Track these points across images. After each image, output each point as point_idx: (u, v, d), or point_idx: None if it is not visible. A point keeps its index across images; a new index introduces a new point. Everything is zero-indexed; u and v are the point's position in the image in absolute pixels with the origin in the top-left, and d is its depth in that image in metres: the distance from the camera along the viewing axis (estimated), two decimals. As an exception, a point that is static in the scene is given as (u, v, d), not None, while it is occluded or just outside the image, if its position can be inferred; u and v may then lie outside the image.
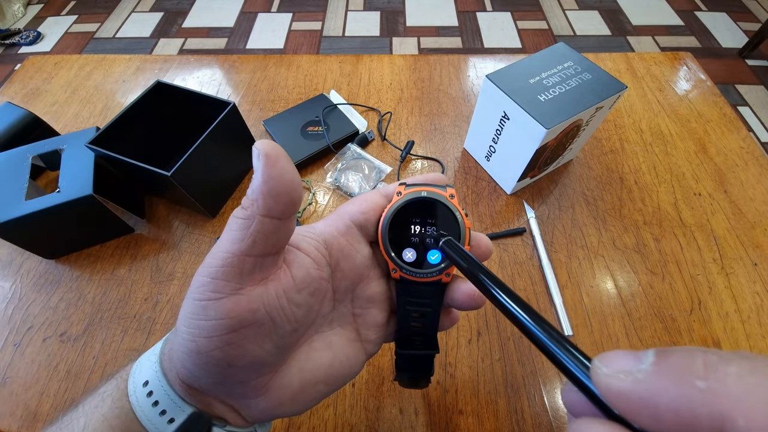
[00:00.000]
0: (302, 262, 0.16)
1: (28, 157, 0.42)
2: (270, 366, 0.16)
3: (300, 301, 0.16)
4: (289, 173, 0.14)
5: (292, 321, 0.16)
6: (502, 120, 0.42)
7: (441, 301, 0.19)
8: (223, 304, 0.14)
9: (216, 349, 0.14)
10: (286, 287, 0.15)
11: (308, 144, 0.50)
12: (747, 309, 0.39)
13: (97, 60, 0.64)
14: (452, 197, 0.19)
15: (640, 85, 0.58)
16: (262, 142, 0.14)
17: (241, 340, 0.14)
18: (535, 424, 0.33)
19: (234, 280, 0.14)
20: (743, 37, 1.56)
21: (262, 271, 0.15)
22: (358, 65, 0.62)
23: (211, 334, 0.14)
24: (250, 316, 0.14)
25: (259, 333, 0.15)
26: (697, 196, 0.47)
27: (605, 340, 0.37)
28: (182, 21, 1.71)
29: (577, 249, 0.43)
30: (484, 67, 0.61)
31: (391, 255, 0.18)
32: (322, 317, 0.18)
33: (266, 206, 0.13)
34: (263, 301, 0.15)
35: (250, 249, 0.14)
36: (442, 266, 0.18)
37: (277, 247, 0.15)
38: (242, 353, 0.14)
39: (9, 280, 0.42)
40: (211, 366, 0.14)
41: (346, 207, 0.19)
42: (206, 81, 0.61)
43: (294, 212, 0.14)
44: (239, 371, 0.15)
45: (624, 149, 0.51)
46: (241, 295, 0.14)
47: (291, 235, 0.15)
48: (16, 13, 1.74)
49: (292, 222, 0.15)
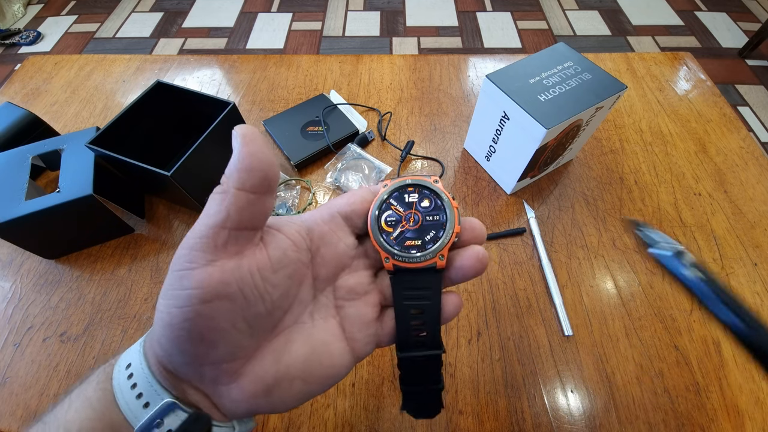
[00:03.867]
0: (280, 243, 0.16)
1: (28, 157, 0.42)
2: (243, 349, 0.16)
3: (275, 281, 0.16)
4: (263, 152, 0.14)
5: (267, 302, 0.16)
6: (502, 120, 0.42)
7: (440, 291, 0.18)
8: (197, 274, 0.14)
9: (187, 320, 0.14)
10: (261, 265, 0.15)
11: (308, 144, 0.50)
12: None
13: (97, 60, 0.64)
14: (436, 182, 0.19)
15: (640, 85, 0.58)
16: (240, 127, 0.14)
17: (212, 313, 0.14)
18: (535, 424, 0.33)
19: (209, 252, 0.14)
20: (743, 37, 1.56)
21: (237, 244, 0.15)
22: (358, 65, 0.62)
23: (184, 304, 0.14)
24: (222, 289, 0.14)
25: (231, 309, 0.14)
26: (697, 196, 0.47)
27: (605, 340, 0.37)
28: (182, 21, 1.71)
29: (577, 249, 0.43)
30: (484, 67, 0.61)
31: (379, 239, 0.18)
32: (301, 305, 0.18)
33: (240, 179, 0.14)
34: (236, 275, 0.14)
35: (224, 221, 0.14)
36: (435, 246, 0.18)
37: (253, 222, 0.15)
38: (213, 327, 0.14)
39: (9, 280, 0.42)
40: (182, 340, 0.14)
41: (333, 200, 0.19)
42: (206, 81, 0.61)
43: (269, 189, 0.15)
44: (211, 349, 0.15)
45: (624, 149, 0.51)
46: (214, 266, 0.14)
47: (268, 213, 0.15)
48: (16, 13, 1.74)
49: (267, 200, 0.15)
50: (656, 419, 0.33)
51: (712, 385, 0.35)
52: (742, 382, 0.35)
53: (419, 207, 0.19)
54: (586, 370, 0.36)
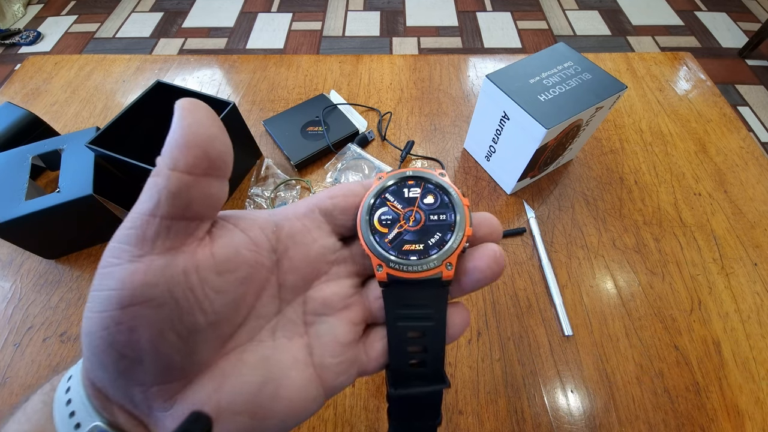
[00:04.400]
0: (232, 240, 0.13)
1: (28, 157, 0.42)
2: (176, 370, 0.12)
3: (220, 286, 0.13)
4: (203, 124, 0.12)
5: (207, 311, 0.12)
6: (502, 120, 0.42)
7: (445, 309, 0.15)
8: (118, 272, 0.11)
9: (105, 328, 0.11)
10: (200, 264, 0.12)
11: (308, 144, 0.50)
12: (747, 309, 0.39)
13: (97, 60, 0.64)
14: (442, 175, 0.16)
15: (640, 85, 0.58)
16: (182, 100, 0.12)
17: (133, 321, 0.11)
18: (535, 425, 0.33)
19: (135, 245, 0.11)
20: (743, 37, 1.56)
21: (171, 238, 0.12)
22: (358, 65, 0.62)
23: (101, 309, 0.11)
24: (146, 291, 0.11)
25: (157, 317, 0.11)
26: (697, 196, 0.47)
27: (605, 340, 0.37)
28: (182, 21, 1.71)
29: (577, 249, 0.43)
30: (484, 67, 0.61)
31: (371, 241, 0.15)
32: (261, 318, 0.14)
33: (172, 158, 0.11)
34: (166, 275, 0.11)
35: (154, 208, 0.11)
36: (441, 252, 0.14)
37: (192, 211, 0.12)
38: (135, 339, 0.11)
39: (9, 280, 0.42)
40: (101, 351, 0.12)
41: (315, 194, 0.16)
42: (206, 81, 0.61)
43: (213, 170, 0.12)
44: (136, 366, 0.12)
45: (624, 149, 0.51)
46: (139, 263, 0.11)
47: (215, 201, 0.13)
48: (16, 13, 1.74)
49: (211, 184, 0.12)
50: (656, 419, 0.33)
51: (712, 385, 0.35)
52: (742, 382, 0.35)
53: (422, 204, 0.15)
54: (586, 370, 0.36)
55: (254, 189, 0.48)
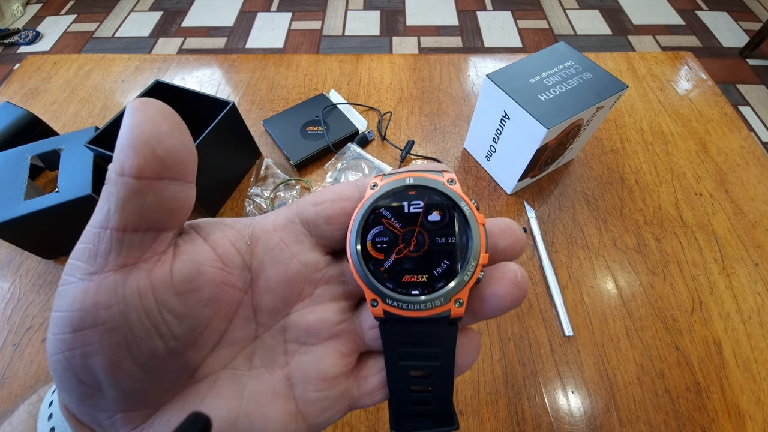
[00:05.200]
0: (196, 255, 0.12)
1: (27, 157, 0.42)
2: (139, 398, 0.11)
3: (180, 309, 0.11)
4: (150, 122, 0.10)
5: (166, 337, 0.11)
6: (503, 120, 0.41)
7: (453, 348, 0.13)
8: (70, 291, 0.10)
9: (59, 352, 0.10)
10: (157, 283, 0.11)
11: (308, 144, 0.50)
12: (748, 309, 0.38)
13: (96, 59, 0.64)
14: (452, 182, 0.13)
15: (641, 84, 0.58)
16: (134, 99, 0.11)
17: (85, 347, 0.10)
18: (536, 425, 0.33)
19: (87, 262, 0.10)
20: (744, 37, 1.56)
21: (123, 253, 0.11)
22: (358, 65, 0.61)
23: (55, 332, 0.10)
24: (96, 314, 0.10)
25: (110, 342, 0.10)
26: (698, 195, 0.47)
27: (606, 341, 0.37)
28: (181, 20, 1.71)
29: (577, 249, 0.43)
30: (484, 67, 0.61)
31: (363, 271, 0.12)
32: (235, 344, 0.13)
33: (119, 161, 0.10)
34: (118, 296, 0.10)
35: (105, 220, 0.10)
36: (450, 287, 0.12)
37: (145, 221, 0.11)
38: (89, 365, 0.10)
39: (8, 280, 0.42)
40: (60, 375, 0.11)
41: (301, 198, 0.14)
42: (205, 80, 0.61)
43: (166, 173, 0.10)
44: (95, 392, 0.11)
45: (625, 149, 0.51)
46: (90, 282, 0.10)
47: (174, 208, 0.11)
48: (15, 12, 1.74)
49: (168, 188, 0.11)
50: (657, 420, 0.33)
51: (713, 385, 0.35)
52: (743, 383, 0.35)
53: (425, 222, 0.12)
54: (586, 370, 0.35)
55: (254, 189, 0.48)
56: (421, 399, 0.13)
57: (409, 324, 0.12)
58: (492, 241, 0.13)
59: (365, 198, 0.13)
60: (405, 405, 0.13)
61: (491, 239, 0.13)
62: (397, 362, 0.13)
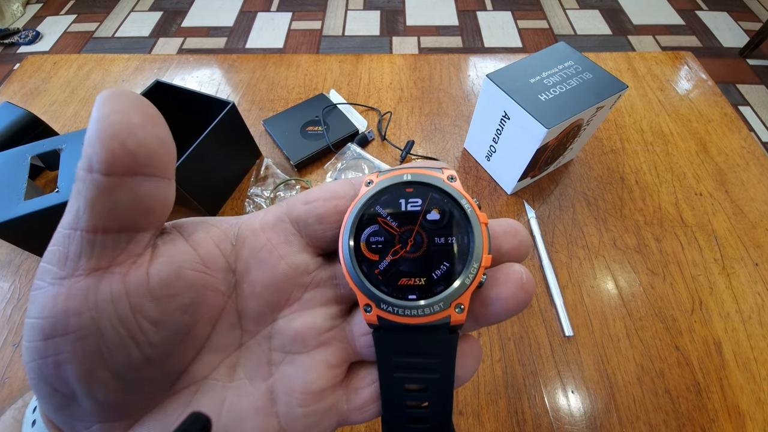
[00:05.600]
0: (174, 256, 0.11)
1: (27, 157, 0.42)
2: (116, 408, 0.11)
3: (157, 315, 0.10)
4: (120, 113, 0.09)
5: (143, 345, 0.10)
6: (503, 120, 0.41)
7: (453, 358, 0.12)
8: (40, 297, 0.10)
9: (32, 360, 0.10)
10: (132, 288, 0.10)
11: (308, 144, 0.50)
12: (748, 309, 0.38)
13: (96, 59, 0.64)
14: (452, 179, 0.12)
15: (641, 84, 0.58)
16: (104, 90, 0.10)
17: (57, 355, 0.10)
18: (536, 425, 0.33)
19: (57, 265, 0.10)
20: (744, 37, 1.56)
21: (95, 256, 0.10)
22: (358, 65, 0.61)
23: (28, 339, 0.10)
24: (66, 321, 0.10)
25: (83, 351, 0.10)
26: (698, 196, 0.47)
27: (606, 341, 0.37)
28: (181, 20, 1.71)
29: (577, 249, 0.43)
30: (484, 67, 0.61)
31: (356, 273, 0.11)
32: (218, 352, 0.12)
33: (87, 157, 0.09)
34: (89, 301, 0.10)
35: (74, 221, 0.10)
36: (449, 291, 0.11)
37: (117, 221, 0.10)
38: (62, 375, 0.10)
39: (8, 280, 0.42)
40: (35, 384, 0.10)
41: (292, 197, 0.13)
42: (205, 80, 0.61)
43: (138, 168, 0.10)
44: (71, 402, 0.10)
45: (625, 149, 0.51)
46: (60, 287, 0.10)
47: (150, 206, 0.10)
48: (15, 12, 1.74)
49: (140, 186, 0.10)
50: (657, 420, 0.33)
51: (713, 385, 0.35)
52: (743, 383, 0.35)
53: (424, 221, 0.12)
54: (586, 370, 0.35)
55: (254, 189, 0.48)
56: (417, 416, 0.12)
57: (406, 331, 0.11)
58: (495, 243, 0.12)
59: (359, 195, 0.12)
60: (399, 422, 0.12)
61: (494, 242, 0.12)
62: (392, 374, 0.12)
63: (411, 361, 0.12)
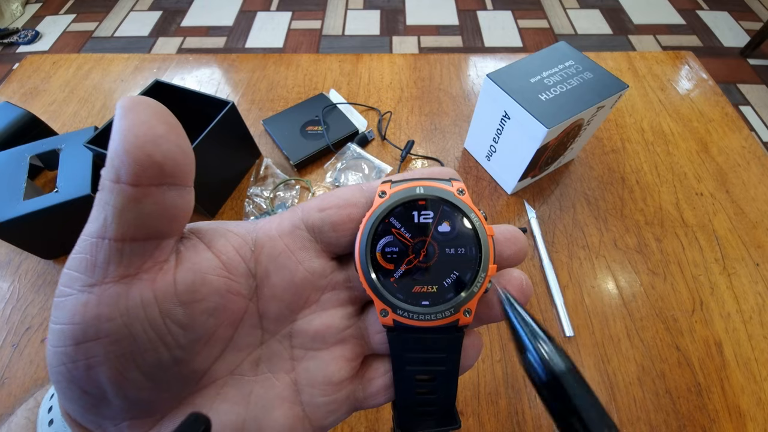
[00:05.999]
0: (199, 264, 0.11)
1: (26, 157, 0.42)
2: (146, 406, 0.11)
3: (184, 319, 0.11)
4: (145, 125, 0.10)
5: (172, 347, 0.11)
6: (503, 119, 0.41)
7: (459, 353, 0.13)
8: (69, 304, 0.10)
9: (61, 364, 0.10)
10: (160, 293, 0.11)
11: (308, 143, 0.50)
12: (749, 309, 0.38)
13: (95, 59, 0.63)
14: (461, 192, 0.13)
15: (642, 84, 0.58)
16: (124, 98, 0.10)
17: (89, 359, 0.10)
18: (536, 426, 0.33)
19: (86, 273, 0.10)
20: (745, 36, 1.55)
21: (124, 263, 0.10)
22: (358, 64, 0.61)
23: (56, 344, 0.10)
24: (100, 326, 0.10)
25: (115, 354, 0.10)
26: (699, 195, 0.46)
27: (606, 341, 0.37)
28: (181, 20, 1.71)
29: (578, 249, 0.43)
30: (484, 67, 0.61)
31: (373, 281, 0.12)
32: (241, 351, 0.13)
33: (114, 168, 0.10)
34: (120, 307, 0.10)
35: (102, 230, 0.10)
36: (459, 298, 0.12)
37: (145, 229, 0.10)
38: (93, 377, 0.10)
39: (7, 280, 0.42)
40: (64, 387, 0.11)
41: (304, 203, 0.14)
42: (205, 80, 0.60)
43: (164, 178, 0.10)
44: (100, 402, 0.11)
45: (625, 149, 0.51)
46: (90, 294, 0.10)
47: (174, 215, 0.11)
48: (14, 12, 1.74)
49: (165, 195, 0.10)
50: (658, 420, 0.33)
51: (714, 386, 0.35)
52: (743, 383, 0.35)
53: (435, 233, 0.13)
54: (587, 371, 0.35)
55: (253, 189, 0.48)
56: (426, 401, 0.14)
57: (418, 332, 0.13)
58: (498, 249, 0.13)
59: (374, 207, 0.13)
60: (411, 407, 0.14)
61: (497, 247, 0.13)
62: (404, 367, 0.13)
63: (421, 356, 0.13)
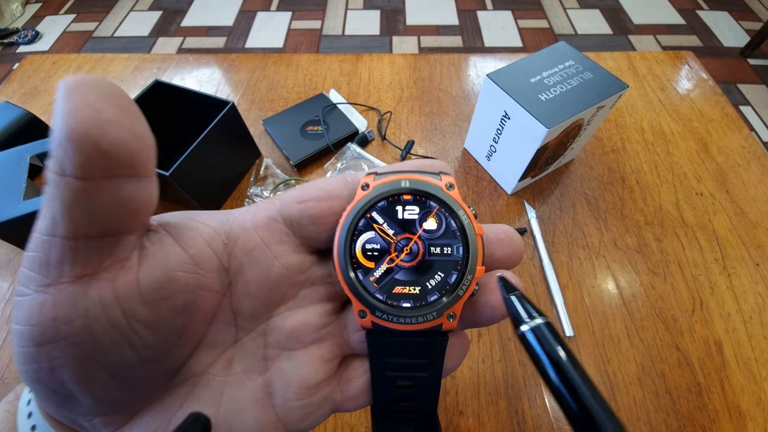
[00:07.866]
0: (165, 259, 0.11)
1: (26, 157, 0.42)
2: (116, 404, 0.11)
3: (150, 318, 0.10)
4: (91, 108, 0.08)
5: (138, 346, 0.10)
6: (503, 119, 0.41)
7: (442, 359, 0.12)
8: (26, 305, 0.09)
9: (25, 364, 0.10)
10: (122, 293, 0.10)
11: (308, 143, 0.50)
12: (749, 309, 0.38)
13: (95, 59, 0.63)
14: (450, 187, 0.12)
15: (642, 84, 0.58)
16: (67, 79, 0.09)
17: (51, 361, 0.10)
18: (536, 426, 0.33)
19: (39, 272, 0.09)
20: (745, 36, 1.56)
21: (79, 262, 0.09)
22: (358, 64, 0.61)
23: (18, 344, 0.10)
24: (56, 329, 0.09)
25: (77, 355, 0.10)
26: (699, 195, 0.46)
27: (606, 341, 0.37)
28: (181, 20, 1.71)
29: (578, 249, 0.43)
30: (484, 66, 0.61)
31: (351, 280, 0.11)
32: (214, 348, 0.12)
33: (58, 159, 0.08)
34: (78, 309, 0.09)
35: (51, 227, 0.09)
36: (444, 301, 0.11)
37: (99, 226, 0.09)
38: (58, 378, 0.10)
39: (7, 280, 0.42)
40: (31, 385, 0.10)
41: (284, 192, 0.13)
42: (205, 80, 0.60)
43: (117, 169, 0.09)
44: (70, 400, 0.10)
45: (625, 149, 0.51)
46: (45, 294, 0.09)
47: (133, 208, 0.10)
48: (14, 12, 1.74)
49: (120, 188, 0.09)
50: (658, 420, 0.33)
51: (714, 386, 0.35)
52: (743, 383, 0.35)
53: (420, 230, 0.12)
54: (587, 371, 0.35)
55: (253, 189, 0.48)
56: (405, 408, 0.13)
57: (399, 336, 0.12)
58: (489, 250, 0.12)
59: (355, 200, 0.12)
60: (389, 413, 0.13)
61: (488, 248, 0.12)
62: (384, 372, 0.12)
63: (402, 361, 0.12)
